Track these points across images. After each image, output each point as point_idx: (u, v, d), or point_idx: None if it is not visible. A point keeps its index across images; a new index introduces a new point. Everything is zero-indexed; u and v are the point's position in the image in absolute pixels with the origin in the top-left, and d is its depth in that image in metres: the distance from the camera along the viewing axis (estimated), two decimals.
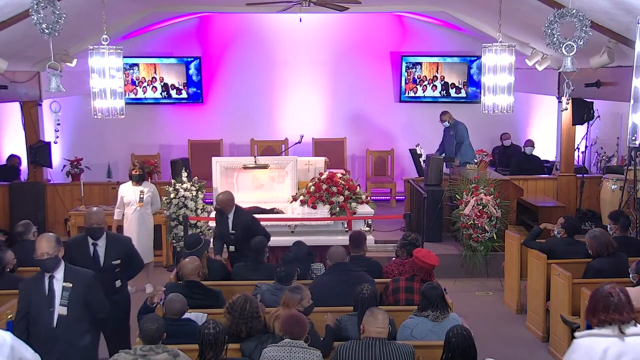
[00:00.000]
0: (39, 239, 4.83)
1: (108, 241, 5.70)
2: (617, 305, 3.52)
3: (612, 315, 3.51)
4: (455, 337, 4.17)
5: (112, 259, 5.66)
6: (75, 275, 4.83)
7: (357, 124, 12.58)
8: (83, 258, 5.49)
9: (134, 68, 12.27)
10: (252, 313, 4.65)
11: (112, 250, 5.68)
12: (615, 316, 3.51)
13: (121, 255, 5.73)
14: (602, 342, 3.47)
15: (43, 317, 4.77)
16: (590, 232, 6.59)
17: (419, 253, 5.63)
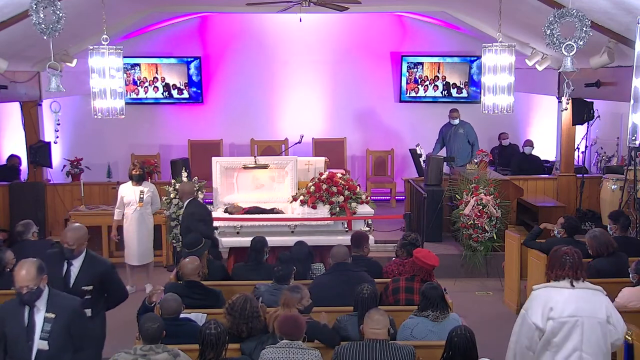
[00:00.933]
0: (17, 269, 4.19)
1: (85, 263, 4.96)
2: (572, 264, 4.16)
3: (567, 271, 4.16)
4: (457, 337, 4.18)
5: (83, 283, 4.90)
6: (59, 305, 4.25)
7: (357, 124, 12.58)
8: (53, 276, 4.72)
9: (136, 68, 12.27)
10: (252, 313, 4.66)
11: (86, 273, 4.93)
12: (570, 272, 4.16)
13: (95, 282, 4.95)
14: (555, 292, 4.14)
15: (20, 351, 4.17)
16: (590, 232, 6.59)
17: (419, 253, 5.63)
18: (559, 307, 4.09)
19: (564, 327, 4.08)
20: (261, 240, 6.42)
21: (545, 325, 4.07)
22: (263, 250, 6.40)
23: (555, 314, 4.08)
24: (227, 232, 7.63)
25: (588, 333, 4.09)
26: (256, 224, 7.62)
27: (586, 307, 4.12)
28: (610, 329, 4.18)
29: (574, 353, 4.09)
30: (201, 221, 7.01)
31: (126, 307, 7.18)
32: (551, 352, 4.13)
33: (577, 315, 4.09)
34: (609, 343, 4.19)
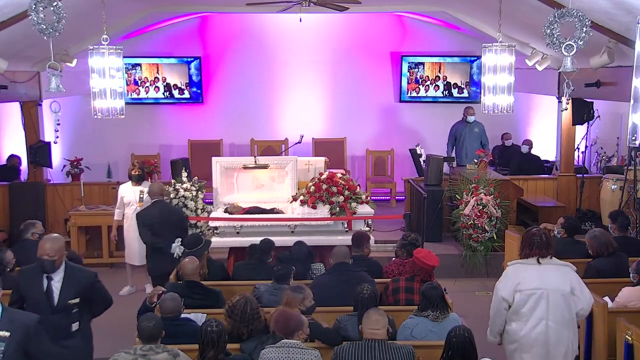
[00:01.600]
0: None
1: (66, 275, 4.70)
2: (539, 244, 4.71)
3: (535, 250, 4.72)
4: (456, 337, 4.18)
5: (69, 297, 4.68)
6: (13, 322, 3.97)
7: (357, 124, 12.57)
8: (34, 294, 4.62)
9: (137, 68, 12.27)
10: (252, 315, 4.65)
11: (70, 286, 4.70)
12: (537, 251, 4.71)
13: (81, 293, 4.76)
14: (523, 268, 4.74)
15: None
16: (590, 232, 6.59)
17: (419, 254, 5.63)
18: (526, 281, 4.66)
19: (530, 299, 4.64)
20: (269, 242, 6.46)
21: (513, 297, 4.67)
22: (269, 251, 6.41)
23: (523, 287, 4.65)
24: (227, 232, 7.63)
25: (553, 304, 4.62)
26: (256, 224, 7.63)
27: (550, 280, 4.65)
28: (575, 300, 4.68)
29: (540, 322, 4.63)
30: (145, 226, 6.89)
31: (126, 307, 7.21)
32: (521, 322, 4.68)
33: (542, 288, 4.63)
34: (573, 313, 4.71)
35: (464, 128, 10.81)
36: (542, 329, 4.65)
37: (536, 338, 4.66)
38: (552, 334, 4.65)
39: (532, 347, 4.68)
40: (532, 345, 4.68)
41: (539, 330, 4.65)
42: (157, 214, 6.99)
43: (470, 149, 10.65)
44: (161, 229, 6.91)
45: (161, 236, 6.90)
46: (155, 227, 6.90)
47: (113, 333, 7.16)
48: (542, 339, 4.66)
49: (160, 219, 6.95)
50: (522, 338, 4.70)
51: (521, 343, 4.72)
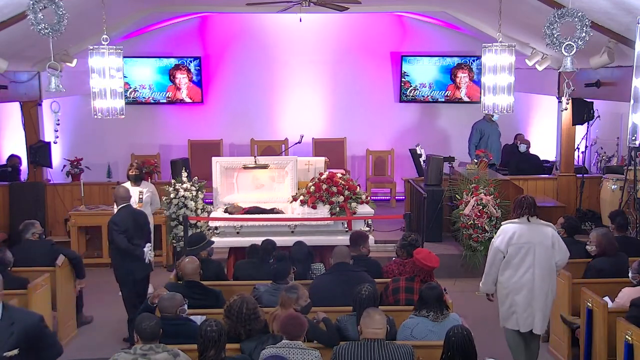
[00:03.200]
0: None
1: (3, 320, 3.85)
2: (528, 205, 5.76)
3: (524, 210, 5.74)
4: (455, 336, 4.18)
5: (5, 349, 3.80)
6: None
7: (357, 124, 12.57)
8: None
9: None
10: (249, 315, 4.63)
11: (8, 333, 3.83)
12: (527, 211, 5.74)
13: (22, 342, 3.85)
14: (516, 226, 5.74)
15: None
16: (599, 229, 6.61)
17: (419, 254, 5.62)
18: (518, 236, 5.67)
19: (521, 251, 5.67)
20: (272, 242, 6.47)
21: (507, 249, 5.67)
22: (271, 251, 6.41)
23: (514, 241, 5.67)
24: (227, 232, 7.63)
25: (538, 255, 5.65)
26: (256, 224, 7.62)
27: (537, 236, 5.67)
28: (555, 252, 5.70)
29: (528, 270, 5.68)
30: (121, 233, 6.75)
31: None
32: (513, 270, 5.73)
33: (530, 242, 5.67)
34: (553, 263, 5.72)
35: (489, 127, 10.78)
36: (529, 276, 5.67)
37: (525, 283, 5.68)
38: (537, 280, 5.66)
39: (521, 290, 5.70)
40: (521, 289, 5.70)
41: (527, 277, 5.67)
42: (130, 220, 6.86)
43: (496, 149, 10.69)
44: (135, 234, 6.82)
45: (133, 241, 6.81)
46: (130, 233, 6.79)
47: (113, 333, 7.17)
48: (529, 284, 5.67)
49: (133, 224, 6.85)
50: (514, 284, 5.71)
51: (513, 288, 5.73)
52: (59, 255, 6.97)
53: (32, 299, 6.19)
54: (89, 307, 7.69)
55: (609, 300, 5.81)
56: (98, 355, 6.55)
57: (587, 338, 5.85)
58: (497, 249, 5.72)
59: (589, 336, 5.85)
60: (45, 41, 5.78)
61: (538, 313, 5.73)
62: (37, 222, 7.27)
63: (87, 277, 7.47)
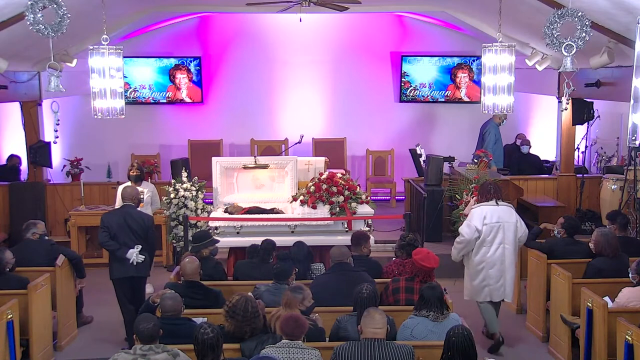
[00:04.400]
0: None
1: None
2: (494, 190, 6.63)
3: (492, 195, 6.62)
4: (455, 336, 4.18)
5: None
6: None
7: (357, 124, 12.57)
8: None
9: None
10: (253, 314, 4.65)
11: None
12: (495, 195, 6.60)
13: None
14: (487, 208, 6.57)
15: None
16: (600, 229, 6.61)
17: (418, 255, 5.62)
18: (491, 216, 6.51)
19: (493, 230, 6.49)
20: (272, 242, 6.46)
21: (482, 228, 6.46)
22: (272, 251, 6.41)
23: (488, 221, 6.48)
24: (227, 232, 7.63)
25: (507, 232, 6.52)
26: (256, 224, 7.63)
27: (504, 216, 6.55)
28: (517, 228, 6.57)
29: (500, 246, 6.51)
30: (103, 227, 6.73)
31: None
32: (487, 247, 6.54)
33: (500, 221, 6.51)
34: (517, 238, 6.59)
35: (498, 130, 10.76)
36: (501, 251, 6.52)
37: (497, 257, 6.52)
38: (507, 255, 6.54)
39: (495, 264, 6.53)
40: (495, 263, 6.53)
41: (499, 252, 6.51)
42: (118, 219, 6.76)
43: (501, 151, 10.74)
44: (119, 233, 6.70)
45: (118, 240, 6.70)
46: (113, 230, 6.69)
47: (113, 332, 7.17)
48: (501, 258, 6.52)
49: (119, 223, 6.72)
50: (488, 258, 6.53)
51: (487, 262, 6.53)
52: (59, 255, 6.96)
53: (32, 299, 6.19)
54: (89, 307, 7.69)
55: (609, 300, 5.81)
56: (98, 355, 6.55)
57: (587, 338, 5.85)
58: (475, 228, 6.46)
59: (589, 336, 5.84)
60: (45, 41, 5.78)
61: (509, 284, 6.61)
62: (41, 222, 7.28)
63: (87, 277, 7.47)
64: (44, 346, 6.41)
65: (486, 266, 6.54)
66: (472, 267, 6.61)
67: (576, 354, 6.24)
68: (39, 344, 6.28)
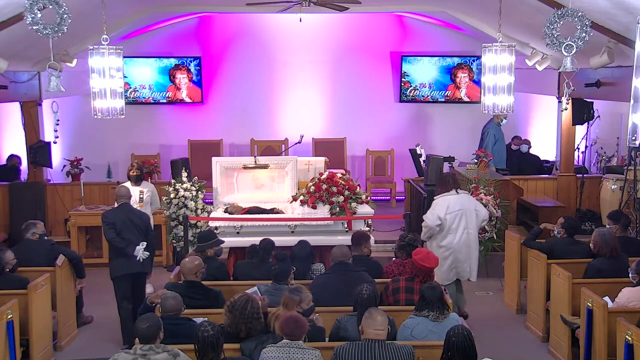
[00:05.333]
0: None
1: None
2: (453, 181, 7.13)
3: (452, 185, 7.08)
4: (455, 336, 4.17)
5: None
6: None
7: (357, 124, 12.57)
8: None
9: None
10: (252, 313, 4.65)
11: None
12: (454, 185, 7.08)
13: None
14: (449, 197, 6.99)
15: None
16: (599, 229, 6.61)
17: (417, 256, 5.61)
18: (452, 205, 6.94)
19: (456, 217, 6.93)
20: (271, 242, 6.46)
21: (446, 217, 6.88)
22: (270, 251, 6.41)
23: (451, 209, 6.92)
24: (227, 232, 7.63)
25: (469, 218, 6.98)
26: (256, 224, 7.63)
27: (465, 203, 7.02)
28: (478, 213, 7.06)
29: (464, 231, 6.97)
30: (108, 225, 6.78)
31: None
32: (453, 234, 6.96)
33: (462, 208, 6.96)
34: (479, 223, 7.12)
35: (499, 131, 10.75)
36: (466, 236, 6.97)
37: (463, 242, 6.98)
38: (471, 239, 7.04)
39: (462, 249, 6.98)
40: (461, 248, 6.98)
41: (464, 237, 6.96)
42: (122, 216, 6.85)
43: (503, 152, 10.75)
44: (124, 230, 6.78)
45: (123, 237, 6.77)
46: (118, 227, 6.77)
47: (113, 332, 7.17)
48: (466, 242, 6.99)
49: (123, 220, 6.81)
50: (455, 244, 6.96)
51: (455, 248, 6.96)
52: (59, 255, 6.96)
53: (32, 299, 6.18)
54: (89, 307, 7.69)
55: (609, 300, 5.81)
56: (98, 355, 6.55)
57: (587, 338, 5.85)
58: (438, 216, 6.91)
59: (589, 336, 5.84)
60: (45, 41, 5.78)
61: (474, 264, 7.15)
62: (40, 223, 7.27)
63: (87, 277, 7.47)
64: (44, 346, 6.40)
65: (454, 251, 6.96)
66: (440, 253, 6.88)
67: (576, 354, 6.24)
68: (39, 344, 6.28)
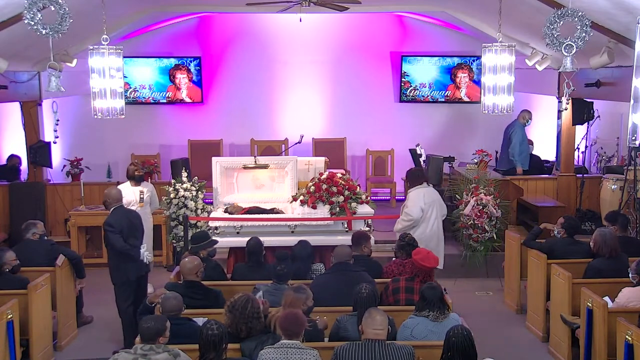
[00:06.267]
0: None
1: None
2: (423, 174, 7.73)
3: (423, 178, 7.63)
4: (455, 336, 4.18)
5: None
6: None
7: (357, 124, 12.57)
8: None
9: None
10: (252, 313, 4.65)
11: None
12: (425, 179, 7.64)
13: None
14: (422, 189, 7.51)
15: None
16: (600, 229, 6.60)
17: (417, 256, 5.61)
18: (427, 196, 7.43)
19: (430, 207, 7.42)
20: (257, 243, 6.41)
21: (423, 206, 7.37)
22: (261, 251, 6.40)
23: (426, 200, 7.41)
24: (227, 232, 7.63)
25: (438, 209, 7.52)
26: (256, 224, 7.63)
27: (434, 195, 7.57)
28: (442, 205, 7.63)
29: (435, 220, 7.47)
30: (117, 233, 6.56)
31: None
32: (426, 223, 7.43)
33: (433, 199, 7.49)
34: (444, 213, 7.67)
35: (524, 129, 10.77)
36: (437, 225, 7.48)
37: (435, 231, 7.47)
38: (440, 228, 7.55)
39: (433, 237, 7.43)
40: (433, 236, 7.43)
41: (435, 226, 7.46)
42: (125, 220, 6.70)
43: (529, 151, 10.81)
44: (130, 234, 6.67)
45: (129, 241, 6.66)
46: (125, 233, 6.63)
47: (114, 332, 7.18)
48: (437, 231, 7.50)
49: (128, 225, 6.69)
50: (427, 233, 7.38)
51: (427, 237, 7.37)
52: (59, 255, 6.96)
53: (32, 299, 6.19)
54: (89, 307, 7.69)
55: (609, 300, 5.81)
56: (98, 355, 6.55)
57: (587, 338, 5.85)
58: (421, 207, 7.35)
59: (589, 336, 5.85)
60: (45, 41, 5.78)
61: (441, 253, 7.53)
62: (40, 223, 7.27)
63: (87, 277, 7.47)
64: (44, 346, 6.41)
65: (425, 240, 7.26)
66: None
67: (576, 354, 6.24)
68: (39, 344, 6.28)
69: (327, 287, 5.64)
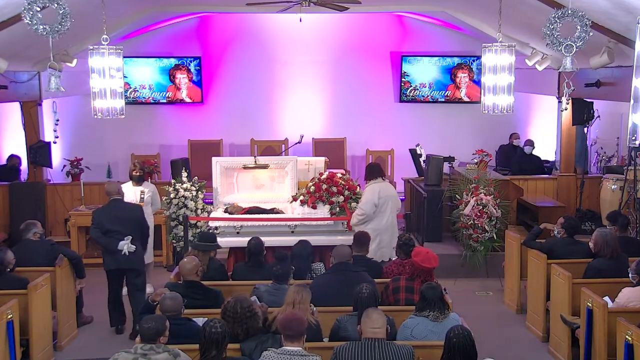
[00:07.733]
0: None
1: None
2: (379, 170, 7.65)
3: (379, 173, 7.56)
4: (455, 336, 4.17)
5: None
6: None
7: (357, 124, 12.58)
8: None
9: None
10: (244, 314, 4.62)
11: None
12: (381, 174, 7.60)
13: None
14: (378, 184, 7.43)
15: None
16: (601, 229, 6.59)
17: (418, 257, 5.60)
18: (382, 191, 7.36)
19: (385, 202, 7.37)
20: (258, 243, 6.40)
21: (378, 201, 7.32)
22: (262, 252, 6.40)
23: (381, 195, 7.34)
24: (227, 232, 7.63)
25: (393, 202, 7.49)
26: (256, 224, 7.63)
27: (389, 190, 7.54)
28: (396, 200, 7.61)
29: (390, 214, 7.43)
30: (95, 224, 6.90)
31: (127, 306, 7.22)
32: (381, 217, 7.35)
33: (388, 194, 7.43)
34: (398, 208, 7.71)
35: None
36: (391, 219, 7.45)
37: (388, 225, 7.43)
38: (394, 222, 7.56)
39: (387, 230, 7.41)
40: (387, 230, 7.41)
41: (389, 219, 7.43)
42: (107, 213, 7.00)
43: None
44: (111, 227, 6.89)
45: (112, 234, 6.88)
46: (106, 225, 6.89)
47: (113, 333, 7.18)
48: (391, 224, 7.47)
49: (110, 218, 6.94)
50: (382, 226, 7.37)
51: (382, 229, 7.35)
52: (59, 255, 6.96)
53: (32, 299, 6.18)
54: (89, 307, 7.69)
55: (609, 300, 5.81)
56: (98, 355, 6.55)
57: (587, 338, 5.85)
58: (373, 203, 7.32)
59: (589, 336, 5.84)
60: (45, 41, 5.78)
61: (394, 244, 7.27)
62: (39, 223, 7.27)
63: (87, 277, 7.46)
64: (44, 346, 6.40)
65: (381, 233, 7.33)
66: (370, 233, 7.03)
67: (576, 354, 6.24)
68: (39, 344, 6.28)
69: (327, 287, 5.64)
